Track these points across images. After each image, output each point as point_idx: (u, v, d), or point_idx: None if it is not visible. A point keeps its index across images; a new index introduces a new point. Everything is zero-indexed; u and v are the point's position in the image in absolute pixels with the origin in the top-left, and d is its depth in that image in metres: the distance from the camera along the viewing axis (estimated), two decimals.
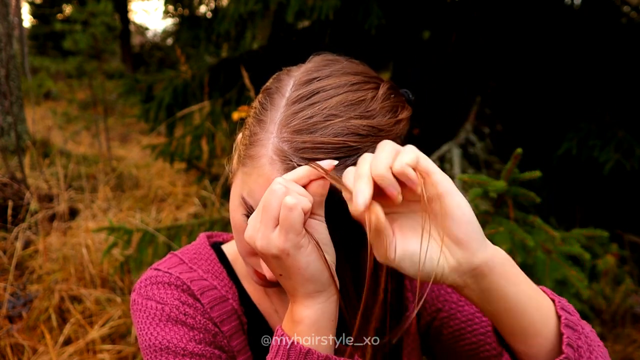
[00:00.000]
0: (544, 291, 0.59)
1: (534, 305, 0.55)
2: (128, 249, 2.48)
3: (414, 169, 0.49)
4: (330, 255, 0.58)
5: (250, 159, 0.62)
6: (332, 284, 0.58)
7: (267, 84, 0.69)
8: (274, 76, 0.70)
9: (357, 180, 0.49)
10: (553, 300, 0.58)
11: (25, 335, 2.41)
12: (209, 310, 0.73)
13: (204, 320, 0.72)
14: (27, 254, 3.18)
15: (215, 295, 0.75)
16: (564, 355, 0.53)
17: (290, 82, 0.64)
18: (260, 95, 0.68)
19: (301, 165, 0.56)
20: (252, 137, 0.63)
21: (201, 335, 0.70)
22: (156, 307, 0.71)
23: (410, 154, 0.50)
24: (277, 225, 0.54)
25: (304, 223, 0.53)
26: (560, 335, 0.55)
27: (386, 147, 0.52)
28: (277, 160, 0.59)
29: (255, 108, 0.67)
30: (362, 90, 0.62)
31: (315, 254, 0.55)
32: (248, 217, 0.63)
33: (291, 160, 0.58)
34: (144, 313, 0.71)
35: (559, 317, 0.56)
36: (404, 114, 0.65)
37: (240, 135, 0.71)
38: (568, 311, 0.57)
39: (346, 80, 0.62)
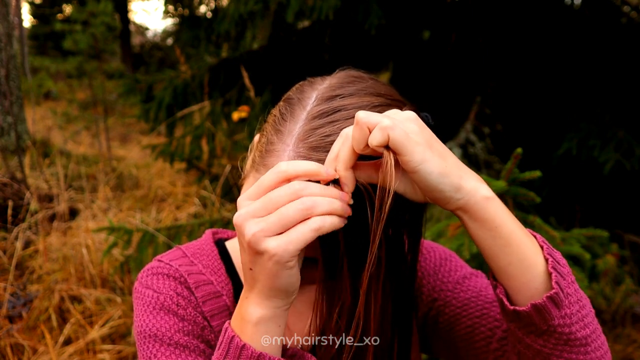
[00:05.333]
0: (534, 235, 0.59)
1: (514, 250, 0.56)
2: (128, 249, 2.48)
3: (386, 147, 0.52)
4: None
5: (264, 168, 0.62)
6: (294, 296, 0.58)
7: (290, 92, 0.70)
8: (297, 86, 0.71)
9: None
10: (542, 247, 0.58)
11: (25, 335, 2.41)
12: (201, 304, 0.75)
13: (195, 313, 0.74)
14: (27, 254, 3.18)
15: (210, 290, 0.77)
16: (554, 291, 0.54)
17: (313, 96, 0.65)
18: (281, 104, 0.69)
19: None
20: (269, 145, 0.64)
21: (190, 327, 0.72)
22: (152, 295, 0.73)
23: (380, 132, 0.51)
24: (284, 231, 0.52)
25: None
26: (548, 274, 0.56)
27: (355, 129, 0.53)
28: None
29: (275, 116, 0.67)
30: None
31: (297, 273, 0.55)
32: None
33: None
34: (142, 301, 0.74)
35: (546, 259, 0.57)
36: None
37: (257, 138, 0.71)
38: (556, 259, 0.57)
39: (368, 101, 0.63)
